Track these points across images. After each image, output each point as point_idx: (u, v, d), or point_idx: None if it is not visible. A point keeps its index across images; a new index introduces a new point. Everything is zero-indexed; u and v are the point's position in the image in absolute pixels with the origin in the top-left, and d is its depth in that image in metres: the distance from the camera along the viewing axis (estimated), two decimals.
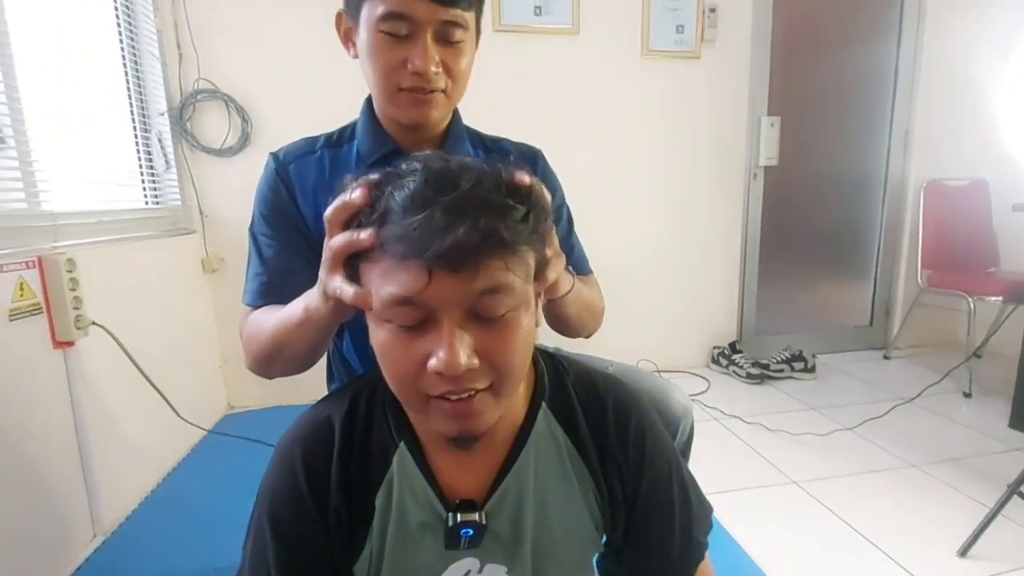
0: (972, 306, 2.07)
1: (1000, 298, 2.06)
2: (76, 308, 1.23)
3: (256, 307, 0.73)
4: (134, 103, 1.72)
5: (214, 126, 1.94)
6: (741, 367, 2.34)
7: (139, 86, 1.76)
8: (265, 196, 0.78)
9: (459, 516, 0.55)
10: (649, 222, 2.40)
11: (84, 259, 1.26)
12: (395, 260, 0.43)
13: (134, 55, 1.73)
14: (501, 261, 0.44)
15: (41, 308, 1.17)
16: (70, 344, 1.23)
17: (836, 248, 2.69)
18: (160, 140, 1.81)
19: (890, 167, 2.61)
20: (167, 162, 1.83)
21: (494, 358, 0.46)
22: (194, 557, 1.24)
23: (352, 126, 0.82)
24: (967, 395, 2.06)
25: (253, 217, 0.79)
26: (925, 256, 2.40)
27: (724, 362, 2.42)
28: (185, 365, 1.81)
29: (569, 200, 0.91)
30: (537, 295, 0.52)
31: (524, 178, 0.46)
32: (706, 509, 0.67)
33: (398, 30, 0.67)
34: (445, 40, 0.69)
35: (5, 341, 1.08)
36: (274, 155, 0.79)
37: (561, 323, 0.75)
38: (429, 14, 0.66)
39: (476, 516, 0.55)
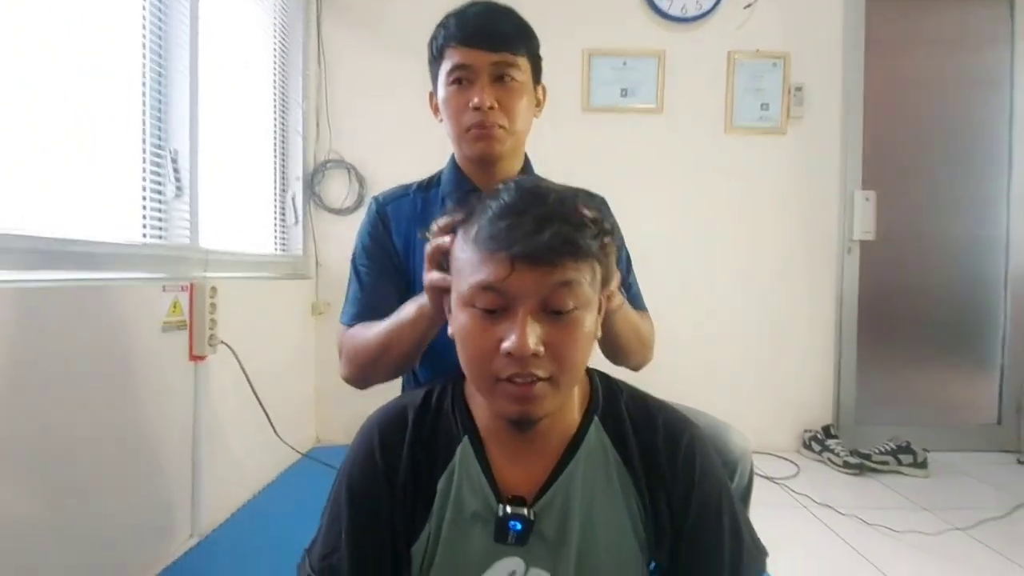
0: None
1: None
2: (211, 329, 1.46)
3: (352, 325, 0.87)
4: (277, 168, 2.08)
5: (336, 189, 2.27)
6: (837, 454, 2.13)
7: (283, 155, 2.14)
8: (366, 232, 0.93)
9: (509, 508, 0.59)
10: (735, 295, 2.35)
11: (222, 288, 1.51)
12: (485, 254, 0.53)
13: (283, 130, 2.12)
14: (574, 262, 0.53)
15: (185, 324, 1.41)
16: (203, 358, 1.45)
17: (952, 332, 2.43)
18: (294, 200, 2.15)
19: (1011, 236, 2.37)
20: (296, 218, 2.15)
21: (558, 350, 0.53)
22: (274, 569, 1.32)
23: (439, 174, 0.97)
24: None
25: (355, 250, 0.94)
26: None
27: (817, 447, 2.22)
28: (285, 395, 2.01)
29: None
30: (599, 305, 0.59)
31: (587, 212, 0.56)
32: (760, 550, 0.65)
33: (461, 78, 0.83)
34: (500, 81, 0.83)
35: (157, 348, 1.31)
36: (375, 198, 0.96)
37: (611, 340, 0.80)
38: (482, 60, 0.82)
39: (525, 511, 0.59)
